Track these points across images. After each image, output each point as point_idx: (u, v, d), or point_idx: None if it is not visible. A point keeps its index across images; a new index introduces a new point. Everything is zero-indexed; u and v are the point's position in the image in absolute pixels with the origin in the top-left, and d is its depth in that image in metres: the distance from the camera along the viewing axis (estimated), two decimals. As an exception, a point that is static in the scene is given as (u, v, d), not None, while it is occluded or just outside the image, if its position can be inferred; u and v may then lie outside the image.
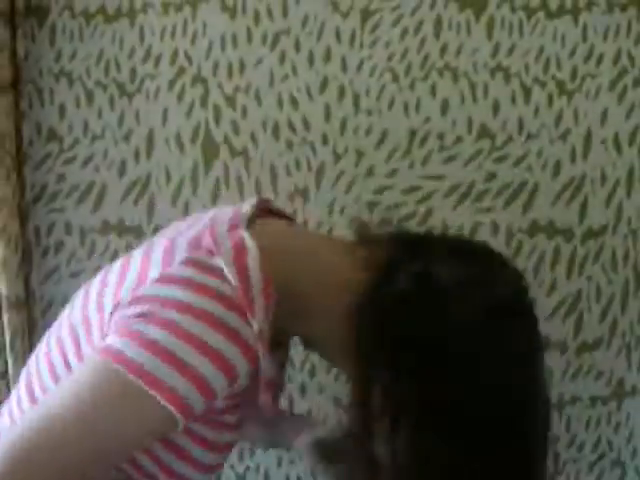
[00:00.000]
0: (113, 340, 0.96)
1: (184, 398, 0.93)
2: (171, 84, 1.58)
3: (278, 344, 1.12)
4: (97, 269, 1.59)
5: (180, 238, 1.03)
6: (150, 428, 0.96)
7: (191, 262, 0.98)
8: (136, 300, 0.97)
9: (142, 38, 1.56)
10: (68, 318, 1.09)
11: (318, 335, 1.08)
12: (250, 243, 1.01)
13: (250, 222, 1.06)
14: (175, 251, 1.01)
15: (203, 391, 0.94)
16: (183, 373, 0.93)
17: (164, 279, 0.98)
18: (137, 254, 1.06)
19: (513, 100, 1.58)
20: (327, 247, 1.11)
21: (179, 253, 1.00)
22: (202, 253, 1.00)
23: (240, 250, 1.00)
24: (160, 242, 1.05)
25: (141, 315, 0.96)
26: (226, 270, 0.97)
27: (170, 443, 1.03)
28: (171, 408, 0.93)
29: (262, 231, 1.05)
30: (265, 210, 1.13)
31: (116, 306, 0.99)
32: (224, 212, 1.08)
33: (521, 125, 1.58)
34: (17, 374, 1.53)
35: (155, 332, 0.94)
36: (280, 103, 1.58)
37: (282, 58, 1.57)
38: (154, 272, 0.99)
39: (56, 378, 1.05)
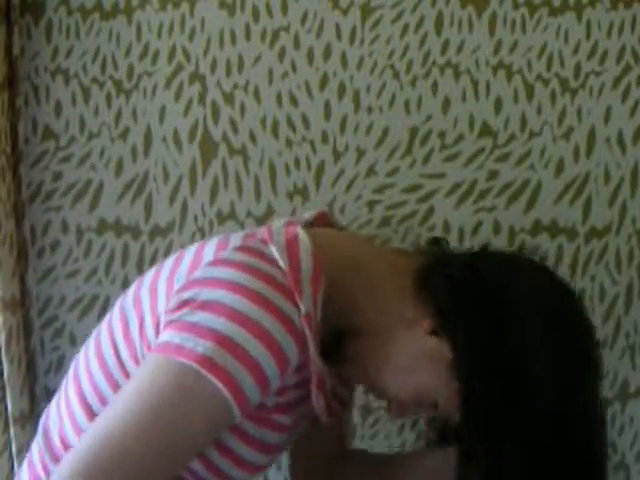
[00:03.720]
0: (166, 335, 0.99)
1: (239, 382, 0.96)
2: (169, 81, 1.56)
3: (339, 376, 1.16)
4: (94, 269, 1.60)
5: (237, 233, 1.10)
6: (208, 415, 0.98)
7: (244, 248, 1.03)
8: (187, 285, 1.01)
9: (139, 35, 1.55)
10: (119, 307, 1.12)
11: (363, 330, 1.09)
12: (304, 237, 1.05)
13: (306, 225, 1.12)
14: (230, 241, 1.07)
15: (256, 375, 0.97)
16: (238, 357, 0.96)
17: (215, 262, 1.02)
18: (193, 246, 1.11)
19: (515, 98, 1.56)
20: (377, 251, 1.19)
21: (233, 242, 1.06)
22: (256, 241, 1.04)
23: (293, 241, 1.04)
24: (217, 237, 1.10)
25: (189, 301, 0.99)
26: (277, 256, 1.01)
27: (222, 445, 1.05)
28: (228, 394, 0.96)
29: (316, 232, 1.10)
30: (323, 222, 1.18)
31: (169, 291, 1.03)
32: (281, 219, 1.16)
33: (524, 123, 1.56)
34: (13, 375, 1.52)
35: (205, 317, 0.97)
36: (279, 101, 1.56)
37: (281, 55, 1.56)
38: (207, 258, 1.04)
39: (108, 373, 1.08)
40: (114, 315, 1.12)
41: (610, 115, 1.57)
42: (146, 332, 1.05)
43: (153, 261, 1.59)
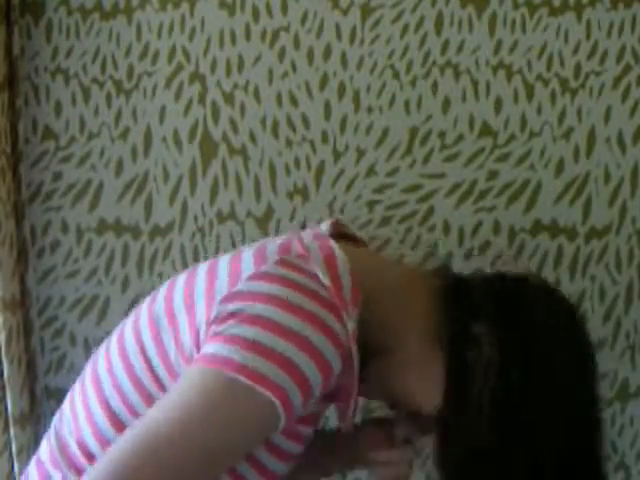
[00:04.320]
0: (212, 348, 0.98)
1: (287, 391, 0.96)
2: (169, 81, 1.56)
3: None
4: (94, 269, 1.60)
5: (270, 244, 1.08)
6: (257, 427, 0.98)
7: (285, 262, 1.02)
8: (230, 297, 1.00)
9: (139, 35, 1.55)
10: (148, 314, 1.10)
11: (391, 348, 1.11)
12: (340, 253, 1.05)
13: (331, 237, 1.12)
14: (267, 253, 1.05)
15: (302, 386, 0.97)
16: (285, 369, 0.96)
17: (258, 276, 1.01)
18: (225, 256, 1.10)
19: (515, 98, 1.56)
20: (400, 267, 1.22)
21: (271, 254, 1.04)
22: (294, 256, 1.04)
23: (331, 256, 1.05)
24: (248, 247, 1.10)
25: (236, 314, 0.98)
26: (319, 273, 1.01)
27: (251, 457, 1.06)
28: (276, 401, 0.96)
29: (346, 248, 1.09)
30: (339, 232, 1.18)
31: (210, 303, 1.02)
32: (302, 231, 1.16)
33: (524, 123, 1.56)
34: (13, 375, 1.52)
35: (251, 331, 0.97)
36: (279, 101, 1.56)
37: (281, 55, 1.55)
38: (247, 271, 1.02)
39: (134, 378, 1.07)
40: (142, 320, 1.10)
41: (610, 115, 1.56)
42: (182, 343, 1.04)
43: (153, 261, 1.59)
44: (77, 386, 1.16)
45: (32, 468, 1.16)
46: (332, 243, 1.08)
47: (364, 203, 1.58)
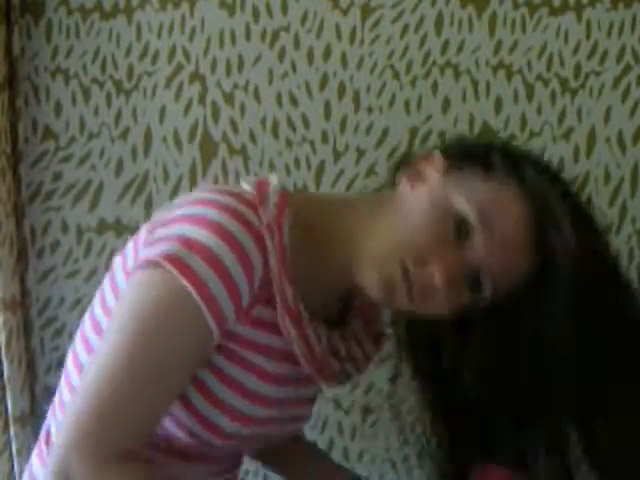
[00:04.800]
0: (143, 253, 1.01)
1: (211, 290, 0.96)
2: (169, 81, 1.56)
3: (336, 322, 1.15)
4: (94, 269, 1.60)
5: None
6: (189, 329, 0.98)
7: (208, 189, 1.07)
8: (154, 223, 1.05)
9: (139, 35, 1.55)
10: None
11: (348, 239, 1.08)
12: (275, 179, 1.09)
13: None
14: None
15: (223, 278, 0.97)
16: (205, 259, 0.97)
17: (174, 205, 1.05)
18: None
19: (515, 98, 1.56)
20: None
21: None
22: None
23: (264, 182, 1.08)
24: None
25: (163, 223, 1.02)
26: (245, 188, 1.06)
27: (204, 388, 1.04)
28: (202, 304, 0.96)
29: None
30: None
31: (137, 244, 1.06)
32: None
33: (524, 123, 1.56)
34: (13, 375, 1.52)
35: (170, 229, 0.99)
36: (279, 101, 1.56)
37: (281, 55, 1.56)
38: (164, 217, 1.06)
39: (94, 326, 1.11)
40: (103, 296, 1.14)
41: (610, 115, 1.57)
42: (117, 283, 1.09)
43: (153, 261, 1.59)
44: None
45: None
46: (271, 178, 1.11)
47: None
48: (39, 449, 1.18)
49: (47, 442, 1.16)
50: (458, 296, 1.04)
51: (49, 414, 1.21)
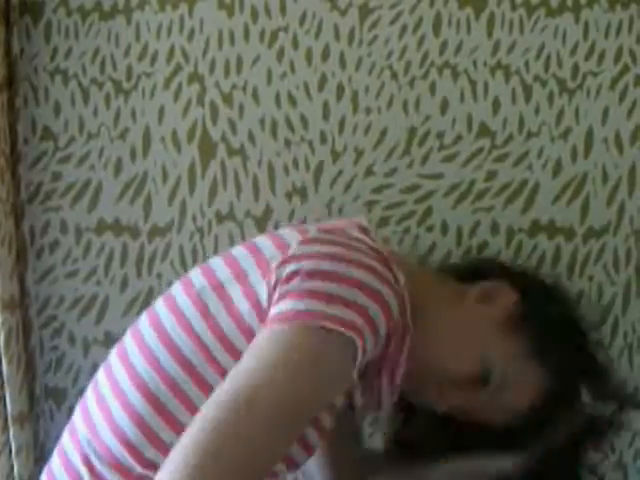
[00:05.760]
0: (284, 306, 1.01)
1: (362, 331, 1.01)
2: (167, 82, 1.57)
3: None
4: (93, 269, 1.60)
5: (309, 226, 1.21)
6: (342, 369, 1.02)
7: (328, 230, 1.12)
8: (287, 260, 1.05)
9: (138, 35, 1.56)
10: (185, 294, 1.13)
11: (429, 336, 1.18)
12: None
13: None
14: (304, 227, 1.16)
15: (370, 326, 1.02)
16: (355, 311, 1.01)
17: (309, 240, 1.08)
18: (251, 240, 1.18)
19: (513, 98, 1.56)
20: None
21: (311, 228, 1.15)
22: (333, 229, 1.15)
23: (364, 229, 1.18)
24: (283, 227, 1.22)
25: (298, 272, 1.03)
26: (361, 236, 1.13)
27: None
28: (356, 339, 1.00)
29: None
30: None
31: (266, 269, 1.06)
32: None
33: (521, 123, 1.56)
34: (12, 375, 1.52)
35: (318, 284, 1.02)
36: (278, 101, 1.56)
37: (280, 56, 1.56)
38: (292, 240, 1.10)
39: (179, 356, 1.08)
40: (183, 304, 1.12)
41: (608, 116, 1.56)
42: (237, 311, 1.07)
43: (152, 261, 1.59)
44: (91, 386, 1.17)
45: (56, 462, 1.17)
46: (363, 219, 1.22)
47: (362, 203, 1.58)
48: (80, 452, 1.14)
49: (93, 473, 1.11)
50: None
51: (85, 433, 1.14)
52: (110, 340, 1.55)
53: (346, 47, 1.55)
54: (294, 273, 1.03)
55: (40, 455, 1.57)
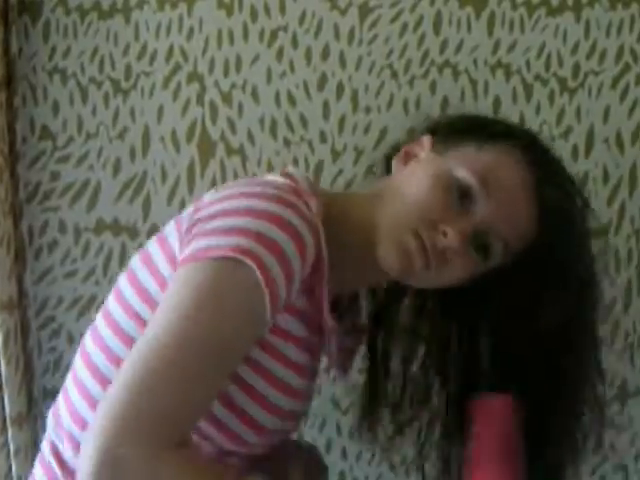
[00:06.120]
0: (190, 247, 1.00)
1: (269, 268, 0.97)
2: (166, 81, 1.56)
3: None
4: (91, 269, 1.60)
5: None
6: (248, 301, 0.97)
7: (246, 182, 1.11)
8: (196, 210, 1.04)
9: (137, 34, 1.55)
10: (119, 281, 1.13)
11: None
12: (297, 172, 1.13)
13: None
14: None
15: (283, 263, 0.98)
16: (262, 242, 0.97)
17: (220, 198, 1.05)
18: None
19: (514, 97, 1.56)
20: None
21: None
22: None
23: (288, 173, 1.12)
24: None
25: (202, 218, 1.02)
26: (278, 181, 1.08)
27: (241, 380, 1.03)
28: (261, 279, 0.96)
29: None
30: None
31: (179, 226, 1.05)
32: None
33: (522, 122, 1.56)
34: (11, 376, 1.52)
35: (224, 221, 0.99)
36: (277, 100, 1.56)
37: (279, 55, 1.55)
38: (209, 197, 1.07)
39: (118, 330, 1.09)
40: (117, 289, 1.12)
41: (609, 115, 1.56)
42: (158, 270, 1.06)
43: (151, 261, 1.59)
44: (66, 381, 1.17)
45: (37, 468, 1.17)
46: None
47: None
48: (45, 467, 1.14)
49: (59, 461, 1.12)
50: (471, 261, 1.10)
51: (52, 426, 1.15)
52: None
53: (346, 46, 1.55)
54: (199, 220, 1.02)
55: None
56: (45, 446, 1.16)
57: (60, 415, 1.14)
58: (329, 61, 1.55)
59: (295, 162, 1.57)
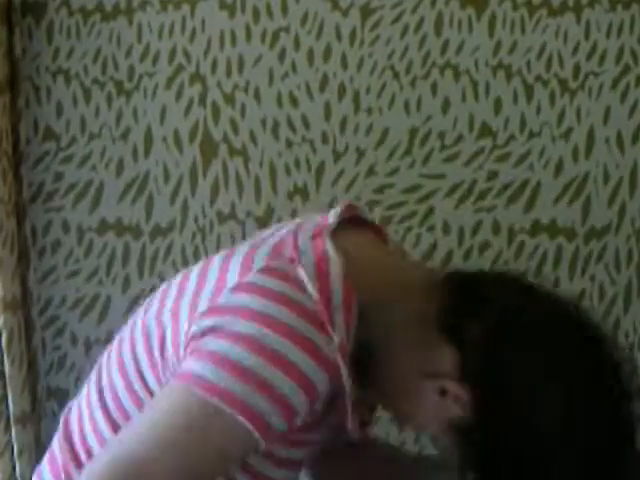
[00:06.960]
0: (191, 364, 0.95)
1: (263, 416, 0.92)
2: (169, 82, 1.57)
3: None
4: (95, 269, 1.60)
5: (263, 246, 1.01)
6: (233, 448, 0.95)
7: (269, 270, 0.97)
8: (212, 311, 0.96)
9: (140, 36, 1.56)
10: (142, 320, 1.08)
11: (385, 367, 1.03)
12: (333, 255, 0.98)
13: (335, 231, 1.03)
14: (255, 258, 0.99)
15: (283, 409, 0.93)
16: (262, 391, 0.92)
17: (240, 287, 0.96)
18: (217, 259, 1.04)
19: (515, 98, 1.56)
20: (407, 279, 1.06)
21: (258, 261, 0.98)
22: (282, 260, 0.98)
23: (322, 261, 0.98)
24: (243, 248, 1.03)
25: (215, 329, 0.95)
26: (306, 280, 0.96)
27: (245, 464, 1.02)
28: (249, 426, 0.92)
29: (346, 243, 1.02)
30: (353, 218, 1.09)
31: (192, 315, 0.98)
32: (311, 219, 1.06)
33: (523, 123, 1.56)
34: (14, 375, 1.52)
35: (229, 348, 0.93)
36: (279, 101, 1.57)
37: (282, 56, 1.56)
38: (231, 280, 0.98)
39: (129, 386, 1.05)
40: (137, 330, 1.08)
41: (609, 115, 1.57)
42: (167, 354, 1.02)
43: (154, 261, 1.59)
44: (84, 388, 1.16)
45: (45, 466, 1.18)
46: (327, 242, 1.01)
47: (364, 203, 1.57)
48: (58, 441, 1.15)
49: (68, 442, 1.13)
50: None
51: (71, 414, 1.15)
52: (112, 340, 1.55)
53: (347, 47, 1.55)
54: (210, 330, 0.95)
55: (42, 455, 1.57)
56: (59, 458, 1.15)
57: (71, 429, 1.13)
58: (331, 62, 1.56)
59: (297, 162, 1.58)
